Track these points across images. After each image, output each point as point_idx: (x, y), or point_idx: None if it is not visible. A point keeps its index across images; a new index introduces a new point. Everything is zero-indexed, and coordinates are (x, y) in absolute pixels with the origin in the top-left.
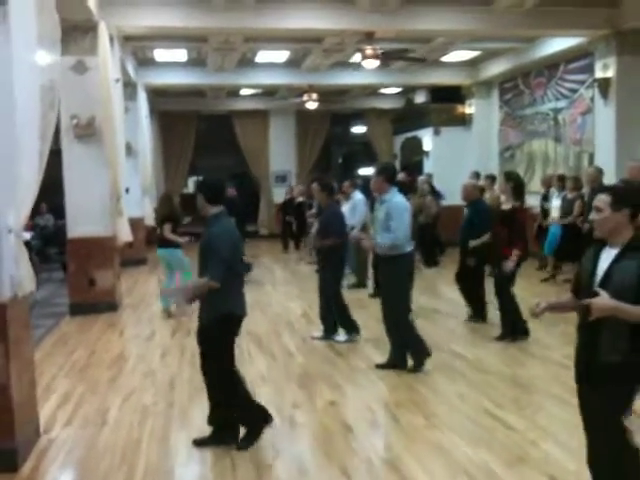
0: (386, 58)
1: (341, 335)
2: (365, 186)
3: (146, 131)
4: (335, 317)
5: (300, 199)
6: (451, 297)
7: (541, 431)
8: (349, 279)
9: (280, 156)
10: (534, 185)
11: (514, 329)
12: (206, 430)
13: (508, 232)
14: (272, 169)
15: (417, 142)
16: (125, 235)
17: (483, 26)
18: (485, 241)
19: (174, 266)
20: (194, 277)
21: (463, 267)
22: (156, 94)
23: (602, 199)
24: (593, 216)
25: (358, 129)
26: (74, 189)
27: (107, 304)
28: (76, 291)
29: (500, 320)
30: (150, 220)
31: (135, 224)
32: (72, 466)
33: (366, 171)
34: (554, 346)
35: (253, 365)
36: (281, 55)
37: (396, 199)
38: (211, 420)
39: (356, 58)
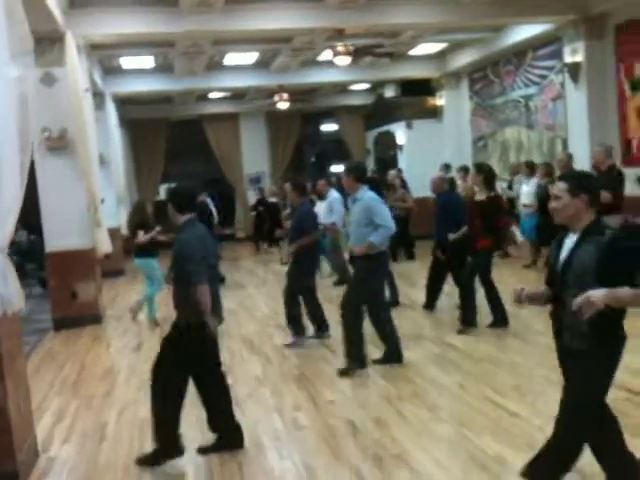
0: (357, 55)
1: (290, 337)
2: (339, 184)
3: (117, 140)
4: (286, 313)
5: (273, 199)
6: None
7: (545, 417)
8: (332, 277)
9: (253, 158)
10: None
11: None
12: (207, 438)
13: (482, 223)
14: (246, 172)
15: (390, 137)
16: (105, 246)
17: (451, 17)
18: (464, 233)
19: (150, 275)
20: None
21: (437, 259)
22: (123, 102)
23: (559, 187)
24: (552, 204)
25: (329, 127)
26: (50, 202)
27: (91, 317)
28: (58, 305)
29: (490, 309)
30: (126, 230)
31: (111, 234)
32: None
33: (339, 168)
34: (545, 332)
35: (247, 367)
36: (250, 57)
37: (368, 195)
38: (211, 427)
39: (325, 56)
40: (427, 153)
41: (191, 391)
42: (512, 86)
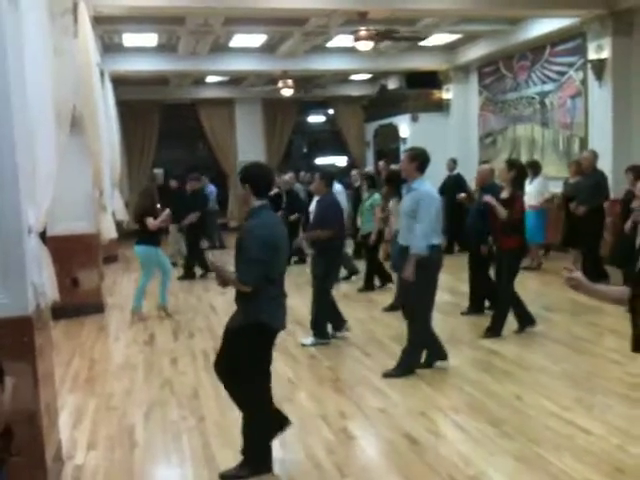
0: (380, 38)
1: (309, 338)
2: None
3: (114, 122)
4: (314, 315)
5: (275, 190)
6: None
7: (622, 434)
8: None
9: (248, 146)
10: None
11: (522, 321)
12: None
13: (504, 221)
14: (240, 160)
15: (393, 129)
16: (109, 232)
17: (475, 5)
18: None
19: (152, 264)
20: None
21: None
22: (116, 82)
23: None
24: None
25: (325, 117)
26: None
27: (93, 306)
28: (58, 293)
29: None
30: (121, 215)
31: None
32: None
33: (328, 160)
34: (590, 338)
35: (276, 368)
36: (257, 39)
37: (424, 187)
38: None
39: (336, 42)
40: (432, 147)
41: (225, 394)
42: (526, 82)
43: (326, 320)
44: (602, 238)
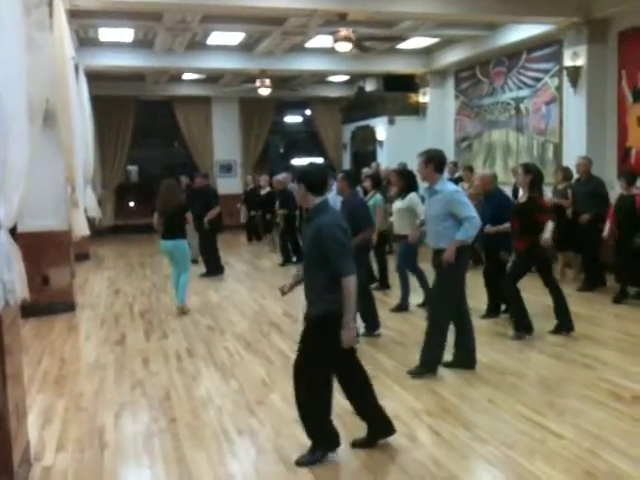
0: (360, 39)
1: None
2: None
3: (88, 117)
4: (361, 311)
5: (267, 189)
6: None
7: (594, 439)
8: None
9: (224, 145)
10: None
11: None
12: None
13: (519, 224)
14: (216, 158)
15: (369, 131)
16: (81, 229)
17: (454, 10)
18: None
19: (178, 260)
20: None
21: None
22: (91, 77)
23: None
24: None
25: (298, 118)
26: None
27: (63, 304)
28: (28, 291)
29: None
30: (93, 212)
31: None
32: None
33: (305, 162)
34: (563, 343)
35: (250, 369)
36: (235, 37)
37: (449, 187)
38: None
39: (314, 43)
40: (408, 150)
41: (198, 396)
42: (502, 87)
43: (373, 312)
44: (600, 244)
